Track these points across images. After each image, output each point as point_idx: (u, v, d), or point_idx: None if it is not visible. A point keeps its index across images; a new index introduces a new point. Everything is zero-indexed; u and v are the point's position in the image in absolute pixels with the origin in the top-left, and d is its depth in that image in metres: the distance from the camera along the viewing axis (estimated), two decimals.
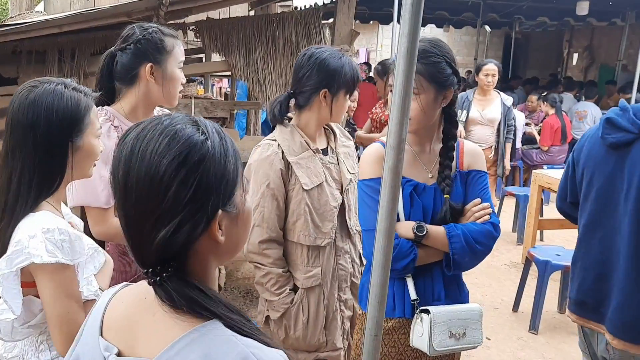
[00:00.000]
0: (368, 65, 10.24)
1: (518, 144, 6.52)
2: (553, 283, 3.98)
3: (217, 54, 4.27)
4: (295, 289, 2.04)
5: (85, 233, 1.62)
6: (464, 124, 4.86)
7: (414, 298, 1.70)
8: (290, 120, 2.05)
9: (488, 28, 13.65)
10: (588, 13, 9.11)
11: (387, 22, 10.93)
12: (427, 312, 1.63)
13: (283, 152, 1.95)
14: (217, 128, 0.84)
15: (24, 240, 1.22)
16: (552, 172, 5.07)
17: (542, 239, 5.52)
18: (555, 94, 7.64)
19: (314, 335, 2.06)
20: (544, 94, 8.18)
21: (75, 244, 1.28)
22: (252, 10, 6.86)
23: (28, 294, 1.29)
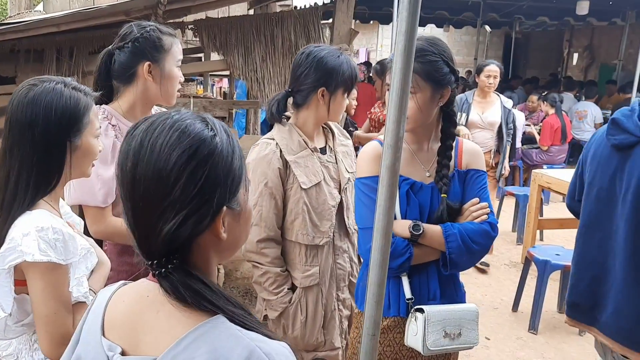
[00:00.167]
0: (368, 65, 10.20)
1: (518, 144, 6.48)
2: (553, 283, 3.97)
3: (216, 54, 4.26)
4: (294, 288, 2.03)
5: (85, 233, 1.62)
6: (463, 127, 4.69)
7: (409, 297, 1.69)
8: (289, 119, 2.05)
9: (488, 28, 13.65)
10: (588, 13, 9.11)
11: (387, 22, 10.94)
12: (421, 311, 1.62)
13: (281, 150, 1.95)
14: (224, 126, 0.85)
15: (17, 238, 1.22)
16: (551, 171, 5.07)
17: (542, 239, 5.52)
18: (555, 94, 7.64)
19: (312, 335, 2.06)
20: (544, 94, 8.18)
21: (69, 244, 1.27)
22: (251, 9, 6.84)
23: (21, 293, 1.28)
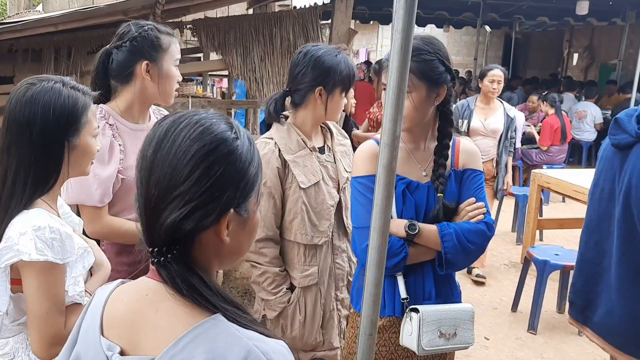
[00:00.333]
0: (368, 64, 10.20)
1: (518, 144, 6.46)
2: (552, 283, 3.96)
3: (214, 53, 4.26)
4: (292, 288, 2.03)
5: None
6: (465, 135, 4.39)
7: (404, 297, 1.68)
8: (287, 119, 2.04)
9: (488, 28, 13.65)
10: (588, 13, 9.12)
11: (387, 22, 10.94)
12: (416, 311, 1.61)
13: (280, 150, 1.94)
14: (249, 135, 0.88)
15: (14, 237, 1.22)
16: (551, 171, 5.06)
17: (541, 239, 5.51)
18: (555, 94, 7.63)
19: (311, 335, 2.05)
20: (545, 93, 8.17)
21: (66, 243, 1.27)
22: (250, 9, 6.84)
23: (17, 292, 1.28)
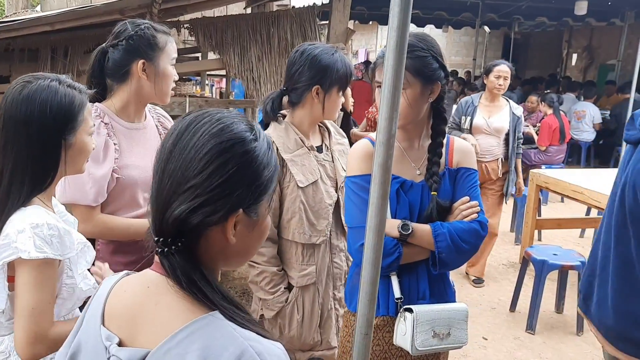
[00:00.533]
0: (367, 64, 10.20)
1: None
2: (550, 283, 3.96)
3: (212, 53, 4.25)
4: (290, 288, 2.03)
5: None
6: (468, 132, 4.30)
7: (398, 296, 1.67)
8: (285, 118, 2.04)
9: (487, 28, 13.66)
10: (587, 13, 9.13)
11: (386, 22, 10.50)
12: (410, 311, 1.61)
13: (277, 149, 1.94)
14: (269, 140, 0.90)
15: (12, 235, 1.22)
16: (549, 171, 5.05)
17: (540, 239, 5.51)
18: (554, 94, 7.63)
19: (309, 334, 2.05)
20: (546, 93, 8.17)
21: (65, 239, 1.27)
22: (248, 8, 6.84)
23: (14, 289, 1.27)
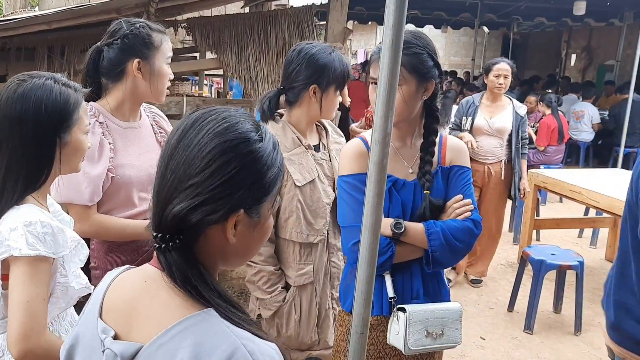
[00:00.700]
0: (365, 65, 10.20)
1: None
2: (548, 283, 3.95)
3: (210, 52, 4.24)
4: (287, 287, 2.02)
5: None
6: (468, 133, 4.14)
7: (392, 296, 1.66)
8: (282, 117, 2.03)
9: (486, 29, 13.67)
10: (585, 13, 9.13)
11: None
12: (404, 310, 1.60)
13: None
14: (275, 141, 0.89)
15: (5, 233, 1.22)
16: (548, 171, 5.06)
17: (538, 239, 5.50)
18: (552, 95, 7.63)
19: (307, 334, 2.05)
20: (544, 93, 8.17)
21: (59, 237, 1.27)
22: (245, 7, 6.83)
23: (7, 288, 1.27)
